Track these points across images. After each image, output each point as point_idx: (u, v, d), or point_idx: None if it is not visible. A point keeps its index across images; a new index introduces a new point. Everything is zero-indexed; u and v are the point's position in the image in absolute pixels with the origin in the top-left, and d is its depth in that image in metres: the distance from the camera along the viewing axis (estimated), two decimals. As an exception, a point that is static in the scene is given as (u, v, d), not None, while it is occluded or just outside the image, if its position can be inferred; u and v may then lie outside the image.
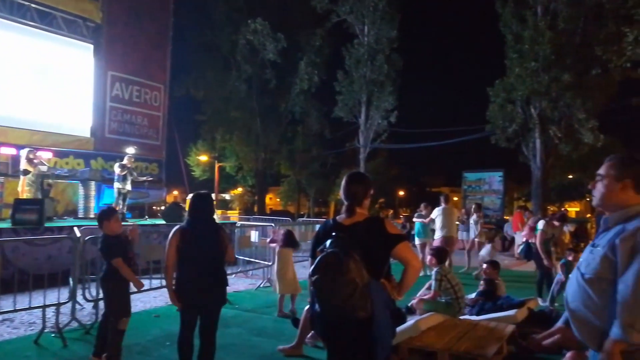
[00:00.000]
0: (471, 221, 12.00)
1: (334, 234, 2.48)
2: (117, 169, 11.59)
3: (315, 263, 2.37)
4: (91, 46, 15.70)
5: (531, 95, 17.71)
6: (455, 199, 40.27)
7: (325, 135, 28.51)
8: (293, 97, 26.75)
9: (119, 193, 11.58)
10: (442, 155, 70.34)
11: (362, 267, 2.28)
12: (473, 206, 12.53)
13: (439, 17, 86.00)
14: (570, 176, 30.80)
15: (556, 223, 8.06)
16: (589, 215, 29.77)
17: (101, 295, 5.88)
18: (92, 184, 12.91)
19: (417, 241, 10.70)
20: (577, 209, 40.74)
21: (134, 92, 16.79)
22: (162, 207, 15.96)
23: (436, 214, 9.81)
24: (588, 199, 35.98)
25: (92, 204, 13.62)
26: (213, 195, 4.40)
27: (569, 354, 3.65)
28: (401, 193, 55.47)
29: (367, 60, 23.06)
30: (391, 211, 24.05)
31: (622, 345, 1.88)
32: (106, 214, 4.34)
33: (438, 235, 9.68)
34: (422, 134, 38.75)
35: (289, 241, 6.71)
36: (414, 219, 11.08)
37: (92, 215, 13.29)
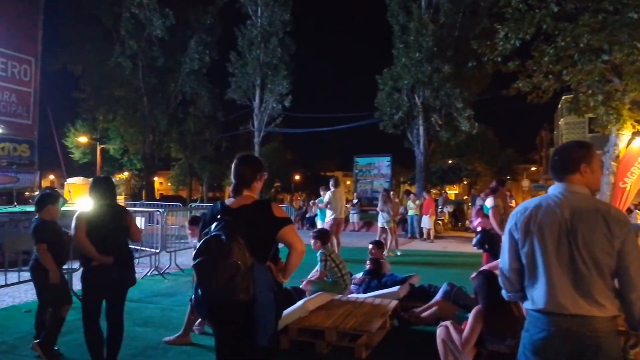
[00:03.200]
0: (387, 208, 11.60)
1: (219, 217, 2.43)
2: None
3: (198, 246, 2.32)
4: (-58, 9, 13.68)
5: (415, 84, 18.76)
6: (348, 182, 41.71)
7: (218, 117, 27.71)
8: (183, 77, 25.59)
9: None
10: (335, 140, 72.42)
11: (245, 250, 2.25)
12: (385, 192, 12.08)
13: (332, 5, 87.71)
14: (450, 161, 33.31)
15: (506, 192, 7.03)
16: (465, 197, 32.45)
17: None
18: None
19: (319, 225, 10.87)
20: (456, 192, 44.17)
21: (-2, 65, 14.94)
22: (36, 193, 14.51)
23: (327, 197, 10.04)
24: (465, 182, 39.15)
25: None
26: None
27: (442, 323, 3.96)
28: (297, 177, 56.07)
29: (261, 42, 22.78)
30: (288, 197, 24.20)
31: None
32: (46, 199, 4.17)
33: (329, 217, 9.92)
34: (316, 118, 39.52)
35: None
36: (316, 205, 11.10)
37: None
